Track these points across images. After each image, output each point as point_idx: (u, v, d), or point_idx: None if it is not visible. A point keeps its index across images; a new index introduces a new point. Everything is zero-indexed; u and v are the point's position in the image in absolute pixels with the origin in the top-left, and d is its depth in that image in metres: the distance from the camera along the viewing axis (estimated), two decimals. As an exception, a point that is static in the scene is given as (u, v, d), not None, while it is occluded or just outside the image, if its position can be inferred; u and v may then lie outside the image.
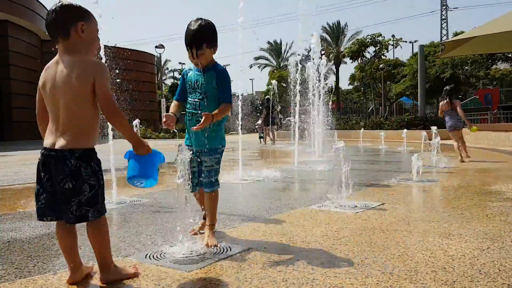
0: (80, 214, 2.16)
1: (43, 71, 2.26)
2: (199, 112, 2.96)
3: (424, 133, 10.28)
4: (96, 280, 2.35)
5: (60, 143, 2.15)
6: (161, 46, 31.61)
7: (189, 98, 3.08)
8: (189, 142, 3.11)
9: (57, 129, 2.18)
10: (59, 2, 2.21)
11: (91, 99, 2.17)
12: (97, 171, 2.20)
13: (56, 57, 2.25)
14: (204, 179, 3.03)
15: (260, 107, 18.84)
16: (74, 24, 2.18)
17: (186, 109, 3.10)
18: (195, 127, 2.82)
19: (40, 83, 2.25)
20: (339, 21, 50.96)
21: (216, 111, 2.89)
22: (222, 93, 2.99)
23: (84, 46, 2.23)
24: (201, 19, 3.00)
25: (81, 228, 2.37)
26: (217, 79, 2.98)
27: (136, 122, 12.77)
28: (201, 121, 2.78)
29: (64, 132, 2.16)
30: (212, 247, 2.84)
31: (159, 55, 33.88)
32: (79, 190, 2.13)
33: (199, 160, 3.02)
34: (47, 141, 2.21)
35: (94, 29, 2.28)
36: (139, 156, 2.30)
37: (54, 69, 2.20)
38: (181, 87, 3.16)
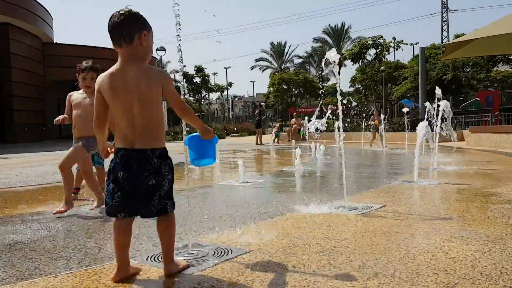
0: (160, 207, 2.35)
1: (106, 77, 2.36)
2: None
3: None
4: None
5: (141, 143, 2.32)
6: (162, 49, 31.61)
7: None
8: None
9: (134, 131, 2.33)
10: (126, 8, 2.37)
11: (160, 104, 2.42)
12: (172, 168, 2.41)
13: (120, 64, 2.37)
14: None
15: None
16: (139, 32, 2.34)
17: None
18: None
19: (104, 88, 2.36)
20: (343, 23, 50.98)
21: None
22: None
23: (142, 54, 2.38)
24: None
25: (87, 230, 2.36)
26: None
27: None
28: None
29: (143, 134, 2.33)
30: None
31: (160, 57, 33.93)
32: (160, 185, 2.33)
33: None
34: (124, 142, 2.33)
35: (152, 40, 2.44)
36: (201, 140, 2.56)
37: (123, 76, 2.33)
38: None
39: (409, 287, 2.16)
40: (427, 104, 8.22)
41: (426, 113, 8.12)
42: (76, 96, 4.52)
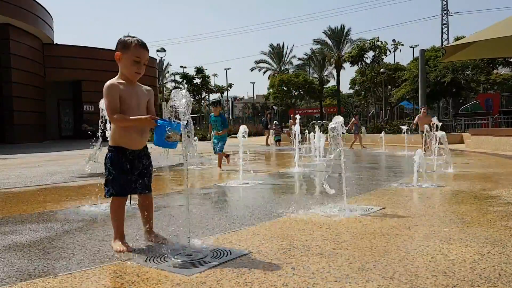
0: None
1: None
2: None
3: (424, 137, 10.25)
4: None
5: None
6: (162, 50, 31.60)
7: None
8: None
9: None
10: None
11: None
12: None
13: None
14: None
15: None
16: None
17: None
18: None
19: None
20: (343, 25, 51.00)
21: None
22: None
23: None
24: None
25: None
26: None
27: None
28: None
29: None
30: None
31: (160, 59, 33.95)
32: None
33: None
34: None
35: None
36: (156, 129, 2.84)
37: None
38: None
39: (408, 289, 2.16)
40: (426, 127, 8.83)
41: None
42: None
